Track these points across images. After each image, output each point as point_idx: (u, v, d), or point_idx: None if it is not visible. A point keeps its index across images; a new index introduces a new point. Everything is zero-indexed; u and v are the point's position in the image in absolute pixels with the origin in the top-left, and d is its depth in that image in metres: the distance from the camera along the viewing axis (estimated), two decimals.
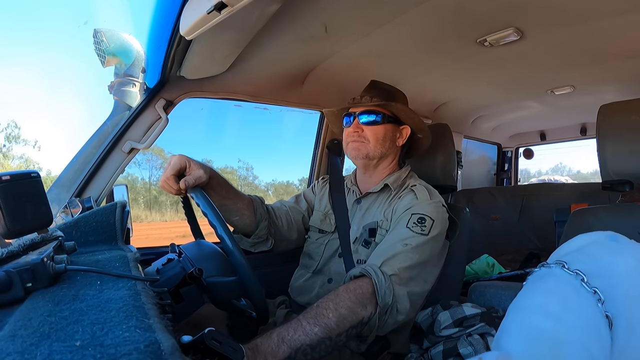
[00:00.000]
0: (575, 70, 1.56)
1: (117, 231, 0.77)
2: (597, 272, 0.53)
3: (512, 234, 2.42)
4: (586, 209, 1.01)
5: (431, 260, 0.96)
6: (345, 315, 0.76)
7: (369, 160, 1.11)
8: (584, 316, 0.50)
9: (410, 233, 0.95)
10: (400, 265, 0.88)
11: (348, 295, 0.80)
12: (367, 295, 0.82)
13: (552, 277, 0.57)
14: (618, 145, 0.95)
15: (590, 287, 0.52)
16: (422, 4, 0.99)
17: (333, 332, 0.74)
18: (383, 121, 1.09)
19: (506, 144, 3.17)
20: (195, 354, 0.49)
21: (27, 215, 0.50)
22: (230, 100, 1.40)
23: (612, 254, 0.56)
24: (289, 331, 0.71)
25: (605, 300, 0.51)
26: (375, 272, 0.84)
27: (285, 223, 1.17)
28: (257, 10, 0.85)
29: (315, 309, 0.76)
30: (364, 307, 0.80)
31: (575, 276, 0.54)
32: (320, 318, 0.74)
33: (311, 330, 0.72)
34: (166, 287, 0.67)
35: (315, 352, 0.71)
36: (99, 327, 0.35)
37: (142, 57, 1.14)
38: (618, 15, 1.06)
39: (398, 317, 0.85)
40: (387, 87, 1.18)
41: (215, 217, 0.75)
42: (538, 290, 0.57)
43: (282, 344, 0.68)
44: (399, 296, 0.85)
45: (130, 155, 1.17)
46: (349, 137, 1.12)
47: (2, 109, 11.19)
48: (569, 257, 0.58)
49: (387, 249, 0.92)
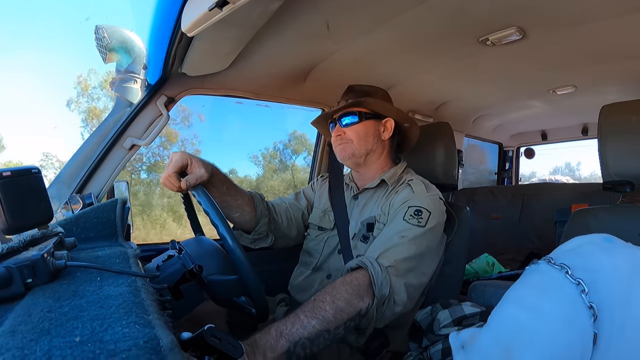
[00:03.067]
0: (577, 70, 1.55)
1: (117, 227, 0.77)
2: (583, 266, 0.55)
3: (512, 234, 2.42)
4: (587, 210, 1.01)
5: (429, 253, 0.95)
6: (343, 307, 0.77)
7: (356, 158, 1.13)
8: (562, 306, 0.52)
9: (407, 225, 0.95)
10: (397, 257, 0.88)
11: (345, 288, 0.80)
12: (364, 287, 0.82)
13: (536, 272, 0.59)
14: (619, 146, 0.95)
15: (575, 279, 0.53)
16: (424, 3, 0.98)
17: (331, 325, 0.74)
18: (361, 119, 1.11)
19: (507, 144, 3.16)
20: (195, 351, 0.49)
21: (27, 211, 0.50)
22: (232, 97, 1.40)
23: (602, 252, 0.57)
24: (287, 325, 0.71)
25: (590, 292, 0.52)
26: (371, 264, 0.85)
27: (285, 220, 1.18)
28: (258, 7, 0.84)
29: (313, 302, 0.76)
30: (360, 299, 0.80)
31: (560, 269, 0.56)
32: (318, 311, 0.74)
33: (309, 323, 0.72)
34: (166, 284, 0.67)
35: (314, 345, 0.71)
36: (99, 323, 0.35)
37: (144, 53, 1.13)
38: (621, 15, 1.05)
39: (395, 308, 0.85)
40: (363, 88, 1.19)
41: (217, 215, 0.75)
42: (520, 284, 0.59)
43: (281, 338, 0.69)
44: (396, 287, 0.85)
45: (131, 152, 1.17)
46: (335, 141, 1.14)
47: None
48: (561, 255, 0.59)
49: (384, 242, 0.92)
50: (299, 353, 0.69)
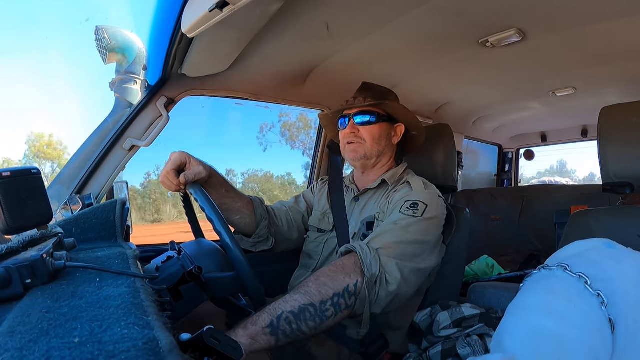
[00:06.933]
0: (576, 71, 1.55)
1: (116, 228, 0.77)
2: (599, 276, 0.53)
3: (512, 235, 2.42)
4: (586, 211, 1.01)
5: (425, 242, 0.93)
6: (325, 281, 0.77)
7: (367, 160, 1.12)
8: (589, 317, 0.50)
9: (402, 216, 0.94)
10: (388, 240, 0.87)
11: (329, 268, 0.81)
12: (349, 265, 0.81)
13: (554, 278, 0.57)
14: (619, 148, 0.95)
15: (594, 290, 0.52)
16: (424, 4, 0.99)
17: (315, 299, 0.73)
18: (378, 120, 1.10)
19: (507, 145, 3.17)
20: (194, 352, 0.49)
21: (27, 212, 0.50)
22: (232, 98, 1.40)
23: (612, 260, 0.56)
24: (271, 304, 0.71)
25: (609, 304, 0.51)
26: (360, 247, 0.85)
27: (285, 223, 1.18)
28: (259, 8, 0.85)
29: (298, 285, 0.77)
30: (347, 275, 0.79)
31: (578, 279, 0.54)
32: (301, 288, 0.75)
33: (291, 297, 0.73)
34: (165, 285, 0.67)
35: (300, 320, 0.70)
36: (98, 324, 0.35)
37: (144, 54, 1.14)
38: (620, 17, 1.06)
39: (389, 287, 0.83)
40: (379, 88, 1.18)
41: (212, 211, 0.75)
42: (540, 290, 0.56)
43: (263, 313, 0.69)
44: (387, 266, 0.83)
45: (130, 153, 1.17)
46: (345, 138, 1.12)
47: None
48: (569, 261, 0.58)
49: (376, 231, 0.93)
50: (285, 328, 0.68)
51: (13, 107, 12.44)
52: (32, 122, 14.02)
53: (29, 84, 15.18)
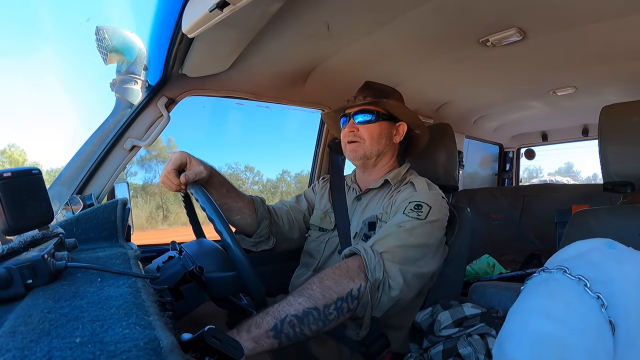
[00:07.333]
0: (577, 71, 1.55)
1: (117, 228, 0.77)
2: (599, 279, 0.53)
3: (513, 235, 2.42)
4: (587, 211, 1.01)
5: (428, 245, 0.93)
6: (330, 285, 0.76)
7: (367, 159, 1.12)
8: (588, 320, 0.50)
9: (406, 218, 0.94)
10: (392, 244, 0.87)
11: (333, 270, 0.80)
12: (354, 269, 0.81)
13: (553, 281, 0.56)
14: (620, 147, 0.95)
15: (594, 293, 0.52)
16: (424, 4, 0.99)
17: (319, 302, 0.73)
18: (377, 119, 1.10)
19: (508, 145, 3.16)
20: (195, 352, 0.49)
21: (28, 212, 0.50)
22: (232, 98, 1.40)
23: (613, 261, 0.56)
24: (274, 306, 0.71)
25: (608, 306, 0.51)
26: (364, 250, 0.84)
27: (286, 222, 1.18)
28: (259, 8, 0.85)
29: (302, 286, 0.77)
30: (351, 279, 0.79)
31: (577, 281, 0.54)
32: (305, 290, 0.75)
33: (295, 300, 0.72)
34: (166, 285, 0.67)
35: (303, 324, 0.70)
36: (99, 324, 0.35)
37: (144, 54, 1.13)
38: (621, 16, 1.06)
39: (392, 293, 0.83)
40: (380, 86, 1.18)
41: (213, 211, 0.75)
42: (540, 293, 0.56)
43: (267, 316, 0.69)
44: (391, 271, 0.83)
45: (131, 153, 1.17)
46: (346, 137, 1.12)
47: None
48: (569, 263, 0.58)
49: (380, 233, 0.92)
50: (288, 332, 0.68)
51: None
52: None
53: (29, 84, 15.16)
